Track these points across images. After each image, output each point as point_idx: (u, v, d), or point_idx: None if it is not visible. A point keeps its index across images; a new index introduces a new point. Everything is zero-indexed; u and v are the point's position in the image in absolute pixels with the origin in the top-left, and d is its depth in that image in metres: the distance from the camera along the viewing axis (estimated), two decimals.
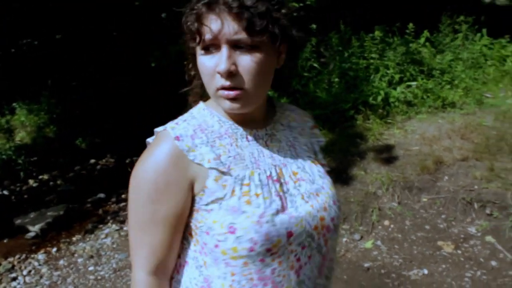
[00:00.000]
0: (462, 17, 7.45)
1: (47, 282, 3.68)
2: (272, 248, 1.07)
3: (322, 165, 1.26)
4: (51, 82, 7.06)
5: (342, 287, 3.24)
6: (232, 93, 1.05)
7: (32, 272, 3.85)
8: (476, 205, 3.95)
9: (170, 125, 1.13)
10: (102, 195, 5.50)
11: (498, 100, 6.08)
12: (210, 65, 1.05)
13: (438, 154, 4.58)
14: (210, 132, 1.14)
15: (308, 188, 1.17)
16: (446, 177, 4.27)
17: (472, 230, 3.78)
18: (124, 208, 4.93)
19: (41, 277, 3.77)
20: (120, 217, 4.75)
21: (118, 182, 5.49)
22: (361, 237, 3.86)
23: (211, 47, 1.04)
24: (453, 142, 4.84)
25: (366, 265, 3.49)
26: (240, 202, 1.07)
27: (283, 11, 1.06)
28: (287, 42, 1.11)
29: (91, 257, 4.00)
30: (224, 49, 1.02)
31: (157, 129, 1.15)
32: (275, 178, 1.14)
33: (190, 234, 1.15)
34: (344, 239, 3.85)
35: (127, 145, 5.98)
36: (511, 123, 5.22)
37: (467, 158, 4.50)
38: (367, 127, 5.38)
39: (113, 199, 5.35)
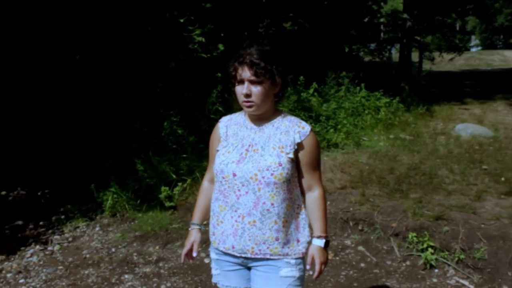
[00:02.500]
0: (344, 73, 8.71)
1: None
2: (225, 177, 2.12)
3: (283, 152, 2.12)
4: None
5: None
6: (248, 104, 2.07)
7: None
8: (351, 223, 4.89)
9: (224, 117, 2.35)
10: (20, 222, 5.82)
11: (373, 142, 7.27)
12: (240, 91, 2.07)
13: (323, 184, 5.52)
14: (233, 121, 2.25)
15: (258, 158, 2.10)
16: (329, 202, 5.19)
17: (348, 242, 4.70)
18: (44, 233, 5.35)
19: None
20: (42, 239, 5.15)
21: (34, 211, 5.84)
22: None
23: (240, 82, 2.06)
24: (334, 174, 5.84)
25: None
26: (221, 153, 2.17)
27: (274, 65, 2.06)
28: (280, 78, 2.10)
29: (20, 272, 4.40)
30: (246, 84, 2.05)
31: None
32: (246, 148, 2.14)
33: None
34: None
35: (38, 177, 6.39)
36: (381, 160, 6.36)
37: (345, 186, 5.50)
38: None
39: (31, 226, 5.69)
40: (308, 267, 2.17)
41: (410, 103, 9.98)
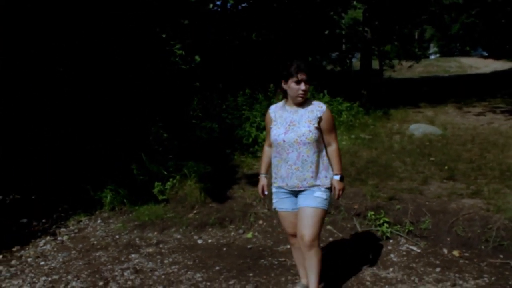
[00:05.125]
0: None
1: (7, 274, 4.73)
2: (279, 143, 3.44)
3: (311, 123, 3.39)
4: None
5: (235, 259, 4.77)
6: (302, 95, 3.39)
7: None
8: None
9: (271, 106, 3.69)
10: (24, 220, 6.47)
11: None
12: (298, 87, 3.35)
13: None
14: (277, 108, 3.57)
15: (296, 130, 3.38)
16: None
17: None
18: (50, 227, 6.04)
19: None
20: (50, 232, 5.85)
21: (34, 211, 6.49)
22: (244, 232, 5.47)
23: (299, 82, 3.34)
24: None
25: (249, 246, 5.08)
26: (273, 129, 3.51)
27: (310, 69, 3.38)
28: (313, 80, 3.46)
29: (38, 257, 5.11)
30: (302, 83, 3.35)
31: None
32: (288, 124, 3.43)
33: None
34: (232, 233, 5.43)
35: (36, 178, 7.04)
36: (344, 155, 7.15)
37: None
38: (242, 160, 7.12)
39: (35, 223, 6.37)
40: (331, 193, 3.51)
41: (369, 107, 10.97)
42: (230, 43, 10.03)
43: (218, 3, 10.09)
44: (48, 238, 5.67)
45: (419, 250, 4.74)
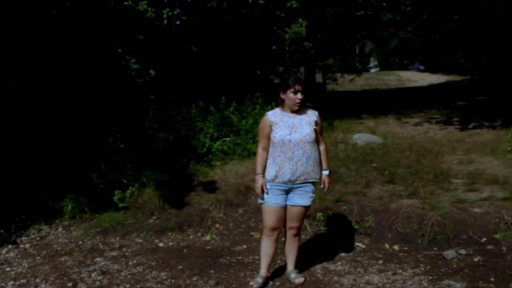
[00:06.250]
0: (258, 93, 10.11)
1: None
2: (285, 143, 3.98)
3: (311, 125, 4.07)
4: None
5: (196, 259, 5.11)
6: (299, 103, 4.01)
7: None
8: None
9: (268, 112, 4.20)
10: None
11: None
12: (296, 96, 3.98)
13: (247, 183, 6.80)
14: (275, 114, 4.11)
15: (299, 130, 4.01)
16: (253, 197, 6.45)
17: None
18: (10, 237, 6.16)
19: None
20: (10, 241, 5.95)
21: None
22: (202, 234, 5.82)
23: (296, 93, 3.97)
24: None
25: (208, 247, 5.44)
26: (276, 131, 4.02)
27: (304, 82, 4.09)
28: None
29: (2, 264, 5.21)
30: (299, 93, 3.98)
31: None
32: (291, 126, 4.02)
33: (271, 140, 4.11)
34: (191, 236, 5.77)
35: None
36: None
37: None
38: (198, 169, 7.48)
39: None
40: (321, 186, 4.31)
41: None
42: (183, 58, 10.38)
43: (177, 22, 10.47)
44: (10, 246, 5.79)
45: (363, 246, 5.24)
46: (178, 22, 11.03)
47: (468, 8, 14.44)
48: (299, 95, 3.97)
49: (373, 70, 47.32)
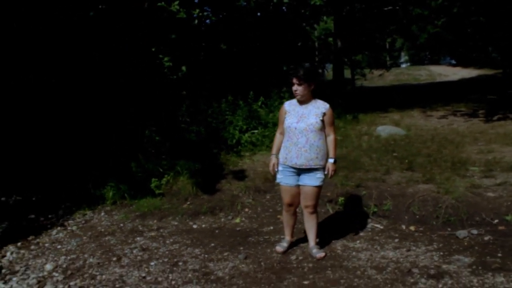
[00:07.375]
0: (285, 88, 10.54)
1: (30, 256, 5.46)
2: (291, 129, 4.54)
3: (318, 116, 4.50)
4: None
5: (226, 238, 5.60)
6: (297, 95, 4.52)
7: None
8: None
9: (286, 102, 4.82)
10: (32, 216, 7.15)
11: None
12: (293, 89, 4.51)
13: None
14: (291, 104, 4.68)
15: (305, 120, 4.50)
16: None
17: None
18: (58, 221, 6.76)
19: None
20: (58, 224, 6.56)
21: (38, 211, 7.15)
22: (232, 218, 6.30)
23: (293, 84, 4.49)
24: None
25: (238, 228, 5.92)
26: (287, 119, 4.60)
27: (307, 73, 4.47)
28: (314, 81, 4.52)
29: (53, 242, 5.79)
30: (296, 85, 4.46)
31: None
32: (300, 116, 4.54)
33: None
34: (223, 219, 6.26)
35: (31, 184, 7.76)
36: None
37: None
38: (228, 159, 7.98)
39: (42, 219, 7.07)
40: (326, 172, 4.59)
41: (340, 113, 11.92)
42: (212, 55, 10.92)
43: (207, 21, 11.02)
44: (59, 228, 6.39)
45: (381, 227, 5.64)
46: (207, 21, 11.55)
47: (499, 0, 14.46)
48: (294, 87, 4.45)
49: (404, 65, 47.13)
